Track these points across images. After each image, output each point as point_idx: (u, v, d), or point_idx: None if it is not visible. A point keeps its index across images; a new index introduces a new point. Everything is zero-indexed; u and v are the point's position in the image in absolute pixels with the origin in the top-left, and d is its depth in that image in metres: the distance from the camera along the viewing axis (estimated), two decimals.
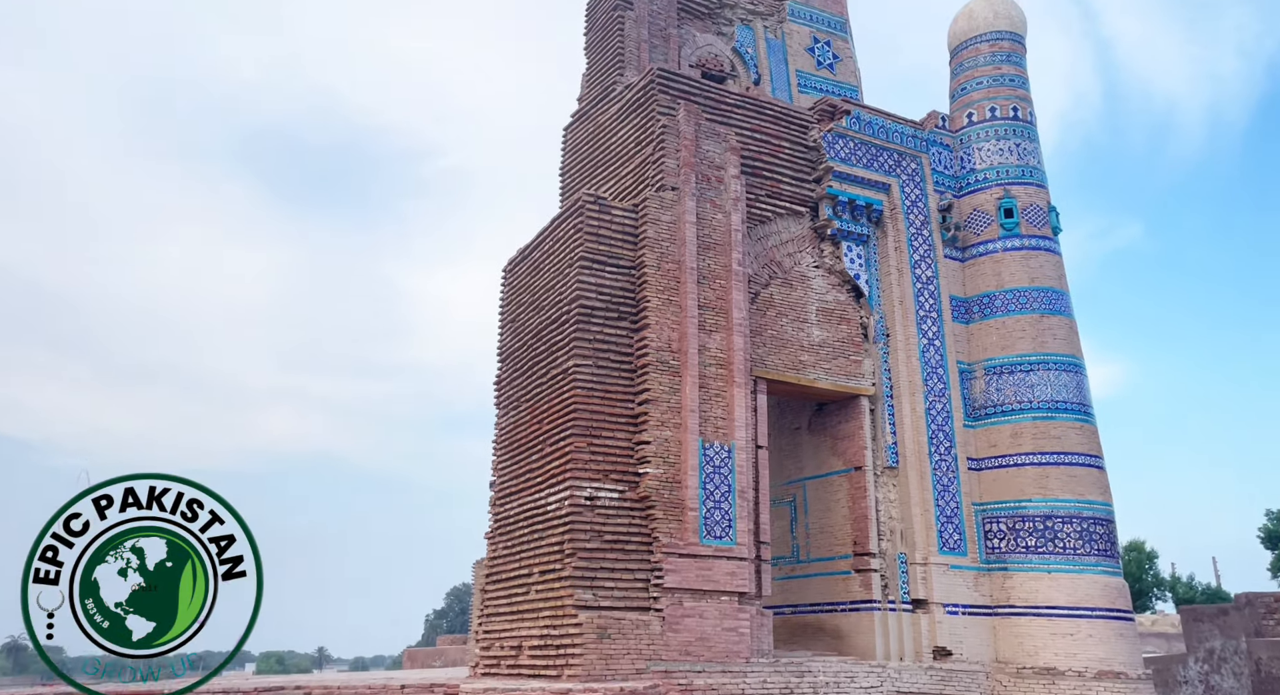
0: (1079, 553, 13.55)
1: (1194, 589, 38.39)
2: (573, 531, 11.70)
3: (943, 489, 14.38)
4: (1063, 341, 14.86)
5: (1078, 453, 14.15)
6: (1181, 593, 37.93)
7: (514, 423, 14.14)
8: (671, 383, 12.79)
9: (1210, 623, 19.81)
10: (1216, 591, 36.75)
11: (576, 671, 10.83)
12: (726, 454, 12.83)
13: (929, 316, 15.33)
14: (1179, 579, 39.58)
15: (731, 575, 12.19)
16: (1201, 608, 20.69)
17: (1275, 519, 34.35)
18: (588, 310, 12.82)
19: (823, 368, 14.66)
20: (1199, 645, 19.68)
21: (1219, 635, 19.79)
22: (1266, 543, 34.49)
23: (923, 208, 15.87)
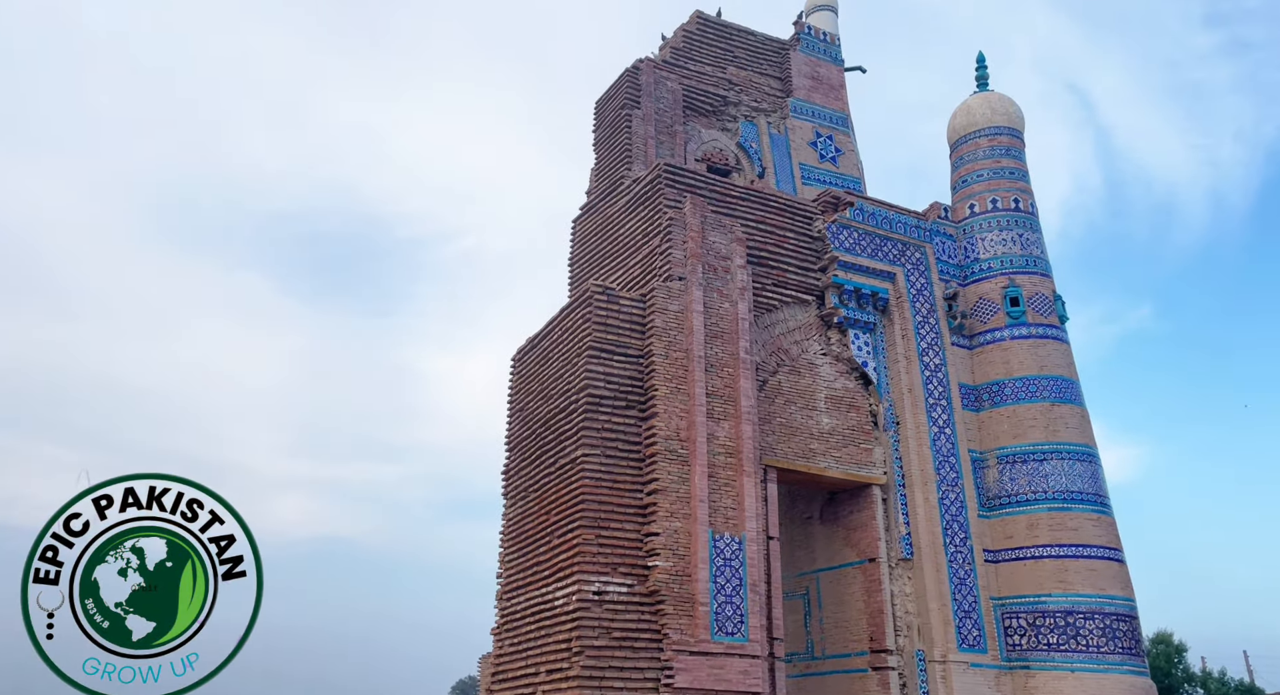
0: (1102, 651, 13.07)
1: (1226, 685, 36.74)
2: (580, 628, 11.39)
3: (959, 582, 14.01)
4: (1075, 430, 14.74)
5: (1096, 545, 13.83)
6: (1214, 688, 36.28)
7: (521, 513, 13.97)
8: (680, 472, 12.68)
9: None
10: (1250, 687, 35.16)
11: None
12: (737, 545, 12.59)
13: (939, 404, 15.27)
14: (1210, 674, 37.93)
15: (744, 674, 11.77)
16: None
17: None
18: (596, 399, 12.83)
19: (833, 456, 14.53)
20: None
21: None
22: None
23: (928, 296, 16.03)
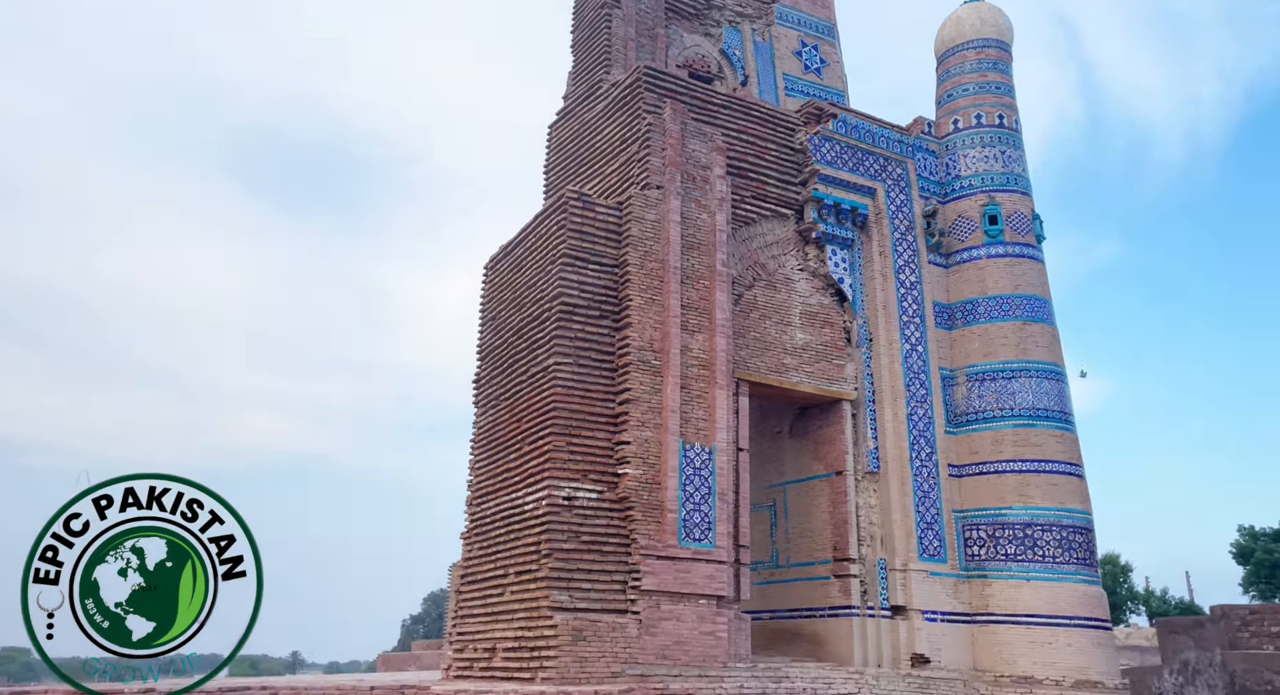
0: (1058, 561, 13.50)
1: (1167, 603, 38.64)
2: (550, 532, 11.49)
3: (923, 495, 14.30)
4: (1045, 349, 14.86)
5: (1058, 461, 14.13)
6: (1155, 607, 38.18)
7: (492, 421, 13.92)
8: (653, 383, 12.63)
9: (1186, 635, 19.84)
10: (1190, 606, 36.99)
11: (550, 674, 10.61)
12: (707, 456, 12.68)
13: (912, 322, 15.28)
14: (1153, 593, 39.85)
15: (710, 578, 12.02)
16: (1177, 620, 20.75)
17: (1248, 535, 34.64)
18: (570, 308, 12.64)
19: (805, 371, 14.56)
20: (1174, 657, 19.69)
21: (1194, 647, 19.80)
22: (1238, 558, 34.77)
23: (907, 213, 15.84)
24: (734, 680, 11.66)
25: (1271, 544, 32.77)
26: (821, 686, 12.31)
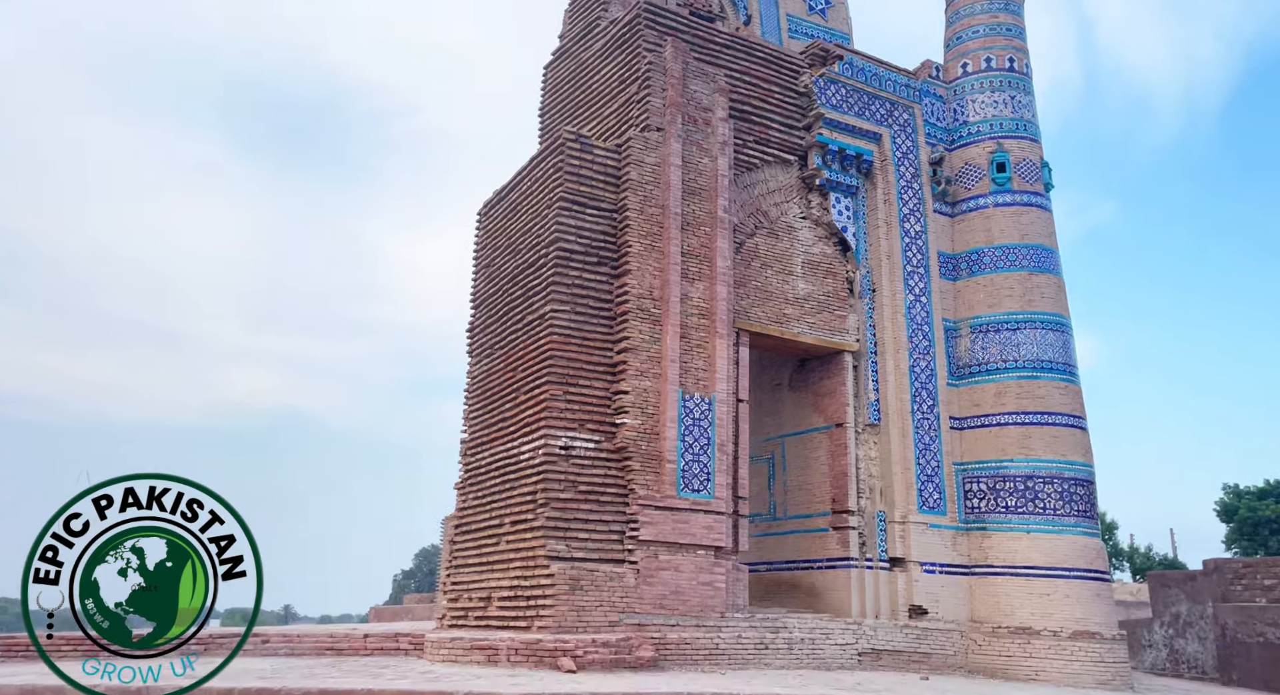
0: (1059, 513, 13.40)
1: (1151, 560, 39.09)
2: (546, 481, 11.28)
3: (924, 448, 14.13)
4: (1050, 300, 14.58)
5: (1061, 413, 13.95)
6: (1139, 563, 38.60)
7: (487, 370, 13.63)
8: (652, 331, 12.33)
9: (1177, 588, 19.93)
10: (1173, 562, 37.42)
11: (547, 623, 10.48)
12: (707, 406, 12.44)
13: (916, 272, 14.96)
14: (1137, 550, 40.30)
15: (708, 529, 11.87)
16: (1169, 573, 20.86)
17: (1231, 493, 34.87)
18: (566, 254, 12.27)
19: (807, 322, 14.27)
20: (1165, 610, 19.81)
21: (1185, 600, 19.92)
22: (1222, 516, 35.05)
23: (913, 160, 15.41)
24: (731, 630, 11.58)
25: (1255, 502, 32.99)
26: (819, 636, 12.25)
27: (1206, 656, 19.45)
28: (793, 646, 11.96)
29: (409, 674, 8.21)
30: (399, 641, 10.45)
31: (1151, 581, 20.66)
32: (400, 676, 7.90)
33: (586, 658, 9.38)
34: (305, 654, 10.03)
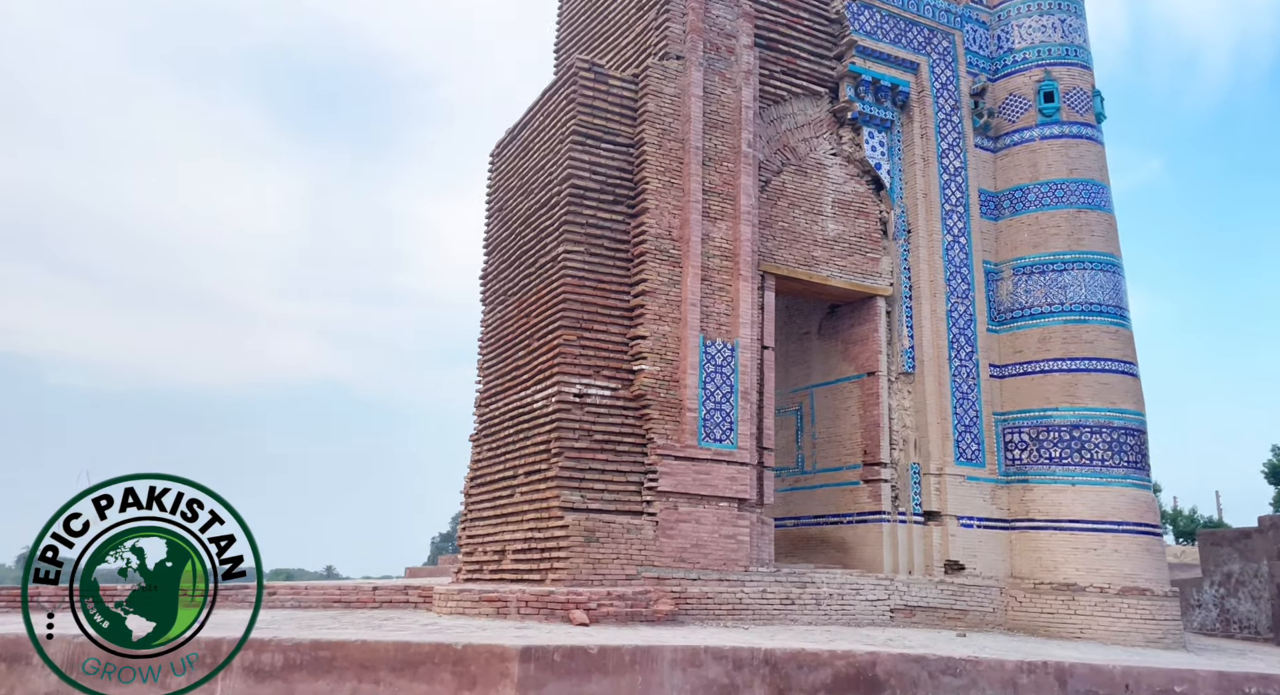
0: (1107, 464, 12.59)
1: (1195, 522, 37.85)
2: (560, 430, 10.76)
3: (962, 397, 13.36)
4: (1101, 238, 13.60)
5: (1111, 358, 13.05)
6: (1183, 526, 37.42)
7: (500, 318, 13.09)
8: (671, 273, 11.66)
9: (1230, 546, 19.03)
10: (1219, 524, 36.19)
11: (561, 576, 10.03)
12: (729, 352, 11.78)
13: (955, 211, 14.04)
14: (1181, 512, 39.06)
15: (731, 480, 11.29)
16: (1221, 531, 19.93)
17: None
18: (580, 191, 11.59)
19: (837, 265, 13.47)
20: (1215, 569, 18.96)
21: (1238, 559, 19.02)
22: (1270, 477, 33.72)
23: (953, 91, 14.39)
24: (756, 584, 11.05)
25: None
26: (849, 592, 11.69)
27: (1260, 616, 18.60)
28: (820, 602, 11.42)
29: (410, 626, 7.82)
30: (408, 594, 10.11)
31: (1202, 540, 19.78)
32: (400, 629, 7.51)
33: (600, 611, 8.92)
34: (311, 606, 9.73)
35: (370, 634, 6.89)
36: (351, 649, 6.52)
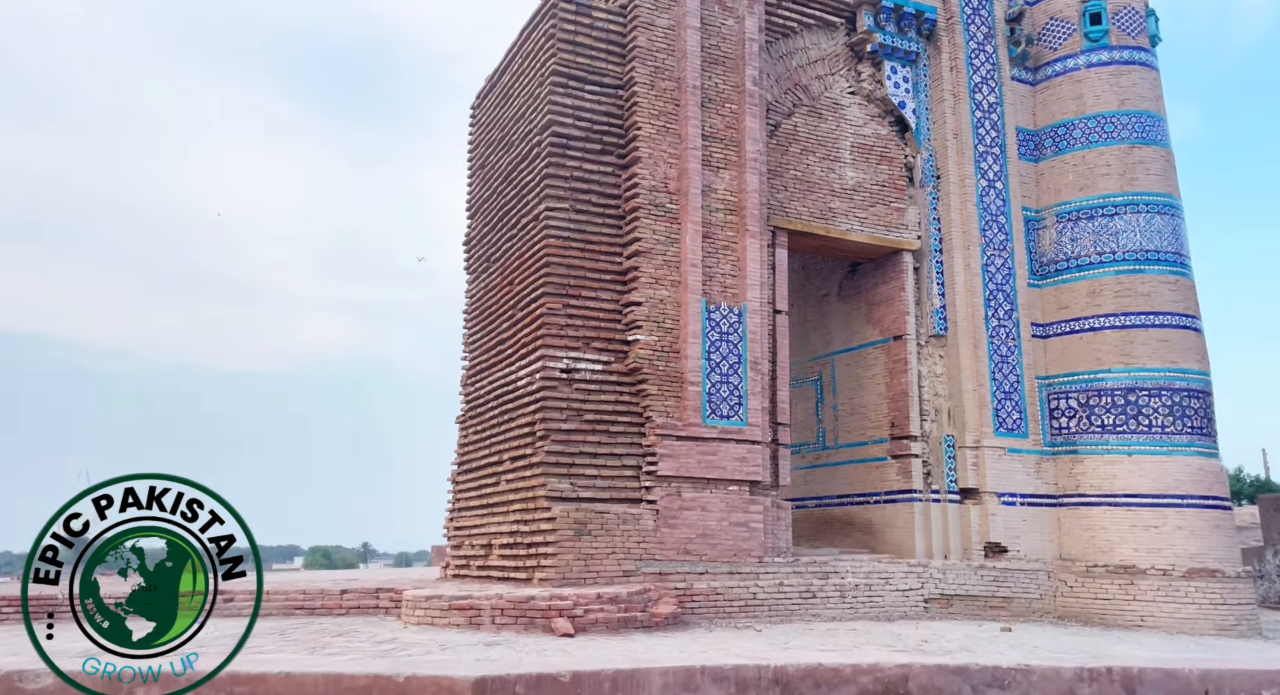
0: (1168, 431, 11.17)
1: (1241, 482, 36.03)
2: (545, 409, 9.56)
3: (1000, 360, 11.96)
4: (1158, 177, 12.02)
5: (1170, 312, 11.55)
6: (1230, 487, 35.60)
7: (484, 287, 11.87)
8: (668, 231, 10.35)
9: None
10: (1266, 483, 34.40)
11: (549, 574, 8.89)
12: (736, 318, 10.48)
13: (989, 153, 12.52)
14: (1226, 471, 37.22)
15: (741, 461, 10.05)
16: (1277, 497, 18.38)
17: None
18: (562, 141, 10.27)
19: (857, 217, 12.05)
20: (1279, 536, 17.50)
21: None
22: None
23: (986, 17, 12.78)
24: (771, 577, 9.85)
25: None
26: (877, 582, 10.45)
27: None
28: (845, 594, 10.20)
29: (363, 644, 6.74)
30: (378, 599, 9.05)
31: (1263, 505, 18.27)
32: (346, 649, 6.42)
33: (588, 618, 7.76)
34: (272, 614, 8.71)
35: (304, 661, 5.82)
36: (273, 684, 5.44)
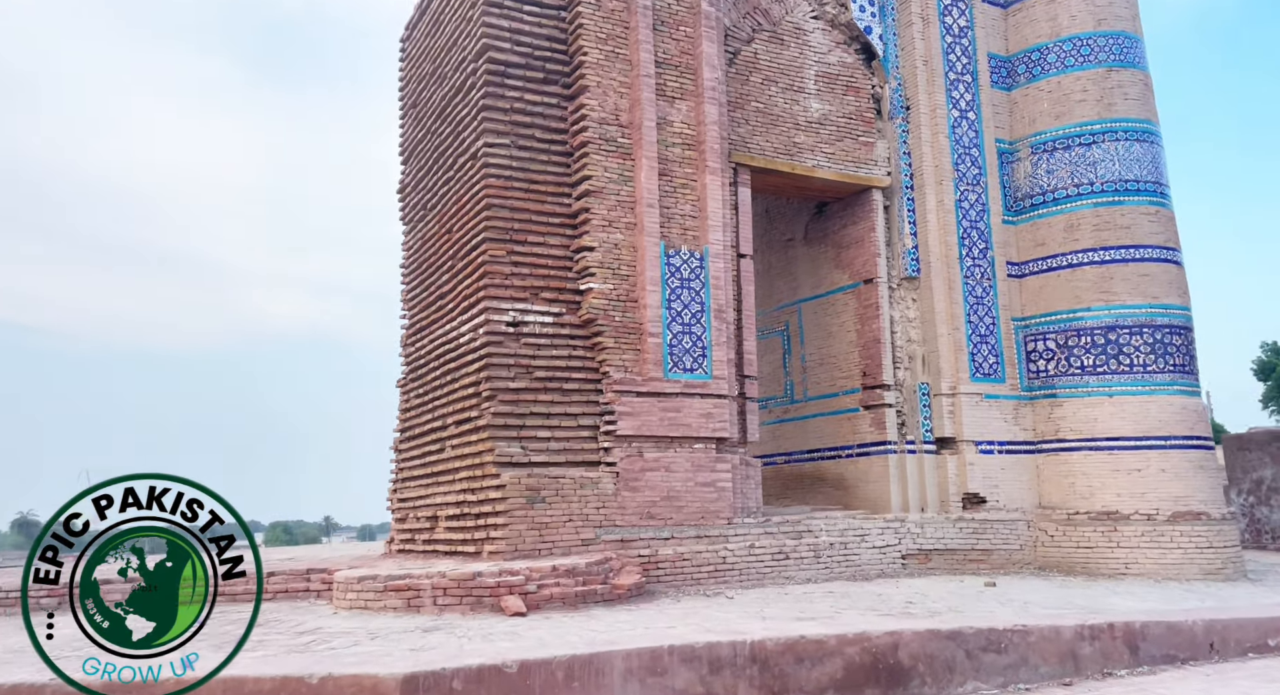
0: (1149, 370, 10.67)
1: None
2: (491, 368, 8.67)
3: (976, 301, 11.33)
4: (1136, 102, 11.36)
5: (1151, 244, 10.99)
6: None
7: (421, 238, 10.85)
8: (621, 168, 9.42)
9: (1260, 451, 17.44)
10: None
11: (500, 546, 8.09)
12: (698, 263, 9.64)
13: (961, 81, 11.74)
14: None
15: (707, 417, 9.30)
16: (1249, 435, 18.30)
17: (1269, 350, 32.19)
18: (500, 68, 9.23)
19: (824, 152, 11.22)
20: (1244, 476, 17.42)
21: (1270, 464, 17.45)
22: (1259, 374, 32.43)
23: None
24: (742, 539, 9.18)
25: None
26: (853, 539, 9.85)
27: None
28: (820, 554, 9.59)
29: (278, 637, 5.89)
30: (309, 581, 8.19)
31: (1227, 444, 18.15)
32: (260, 643, 5.58)
33: (542, 593, 7.00)
34: None
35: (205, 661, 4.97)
36: (158, 690, 4.58)
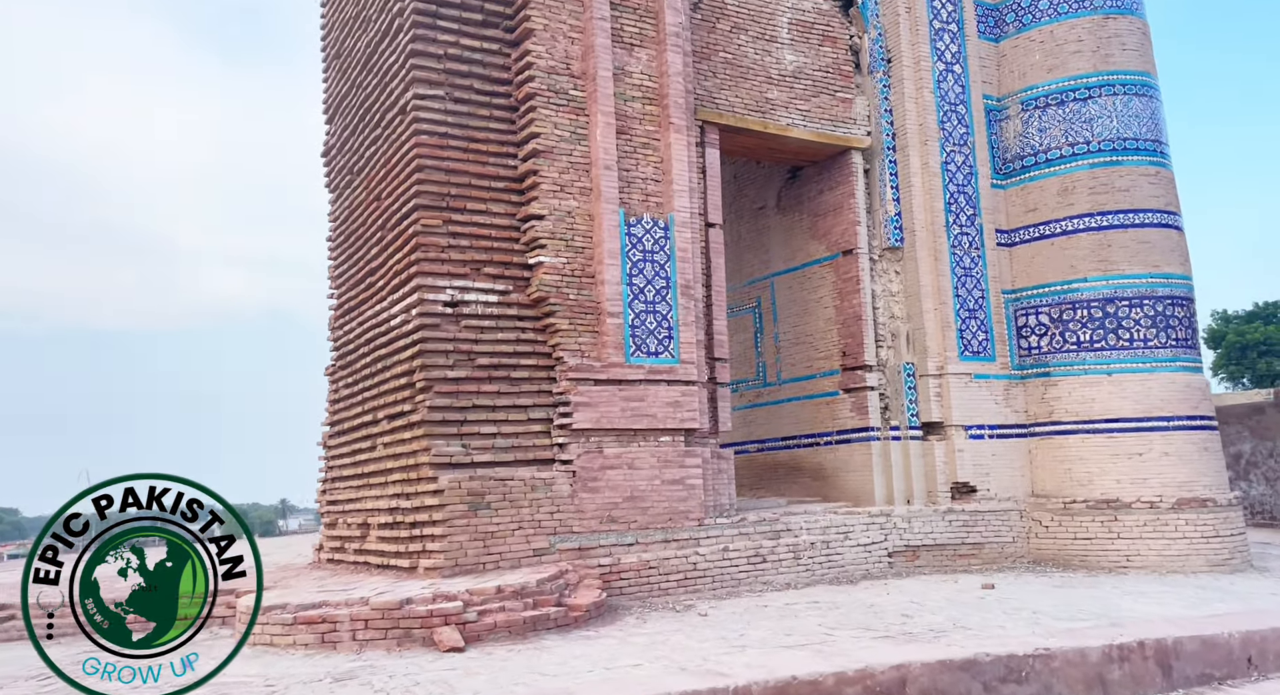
0: (1150, 345, 9.87)
1: None
2: (426, 355, 7.52)
3: (964, 273, 10.42)
4: (1135, 53, 10.46)
5: (1152, 209, 10.15)
6: None
7: (348, 206, 9.60)
8: (573, 125, 8.26)
9: (1240, 424, 16.98)
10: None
11: (437, 561, 7.00)
12: (662, 233, 8.55)
13: (946, 30, 10.73)
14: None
15: (674, 406, 8.26)
16: (1229, 407, 17.83)
17: (1219, 319, 32.32)
18: (431, 7, 7.98)
19: (799, 110, 10.16)
20: (1224, 449, 16.97)
21: (1249, 438, 17.03)
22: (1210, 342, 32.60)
23: None
24: (714, 542, 8.20)
25: (1243, 326, 30.83)
26: (836, 538, 8.94)
27: (1276, 499, 16.74)
28: (800, 555, 8.66)
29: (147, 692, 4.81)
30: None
31: None
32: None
33: (484, 622, 5.94)
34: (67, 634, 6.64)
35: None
36: None
